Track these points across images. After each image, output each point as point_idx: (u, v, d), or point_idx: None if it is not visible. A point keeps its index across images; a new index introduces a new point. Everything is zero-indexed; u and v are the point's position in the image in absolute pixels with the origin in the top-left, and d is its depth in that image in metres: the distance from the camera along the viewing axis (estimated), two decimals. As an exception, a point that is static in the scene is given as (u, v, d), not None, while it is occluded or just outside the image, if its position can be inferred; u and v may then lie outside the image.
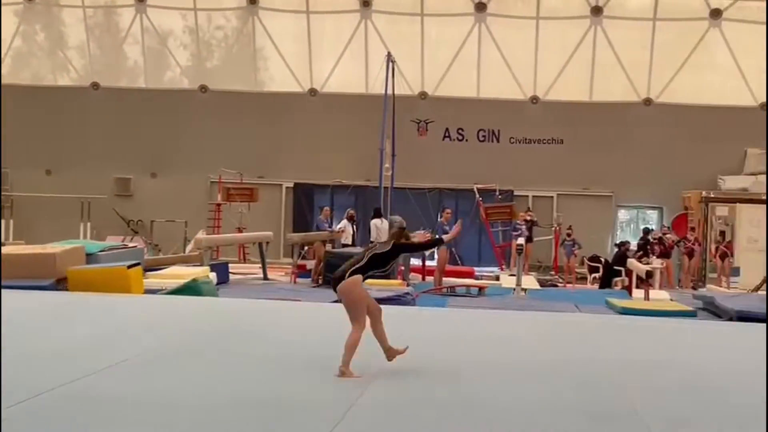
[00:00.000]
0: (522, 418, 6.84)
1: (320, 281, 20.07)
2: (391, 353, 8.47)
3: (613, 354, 10.15)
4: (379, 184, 24.53)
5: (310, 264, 21.97)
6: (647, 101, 28.52)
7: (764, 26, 26.77)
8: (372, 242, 19.19)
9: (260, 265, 22.05)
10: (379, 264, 8.39)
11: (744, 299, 17.31)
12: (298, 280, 21.04)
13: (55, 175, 30.06)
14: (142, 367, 8.24)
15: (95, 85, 30.32)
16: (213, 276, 17.62)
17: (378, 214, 21.65)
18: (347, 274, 8.20)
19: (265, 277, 21.54)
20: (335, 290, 8.33)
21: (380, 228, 20.45)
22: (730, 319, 15.00)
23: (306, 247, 22.95)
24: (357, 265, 8.27)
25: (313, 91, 29.64)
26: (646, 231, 24.43)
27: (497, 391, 7.79)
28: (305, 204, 29.63)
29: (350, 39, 29.00)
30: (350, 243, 21.70)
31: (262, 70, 30.60)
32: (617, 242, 25.16)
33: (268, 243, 23.12)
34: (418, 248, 10.85)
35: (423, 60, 29.06)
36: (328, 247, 21.36)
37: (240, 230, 26.73)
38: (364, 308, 8.24)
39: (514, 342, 11.04)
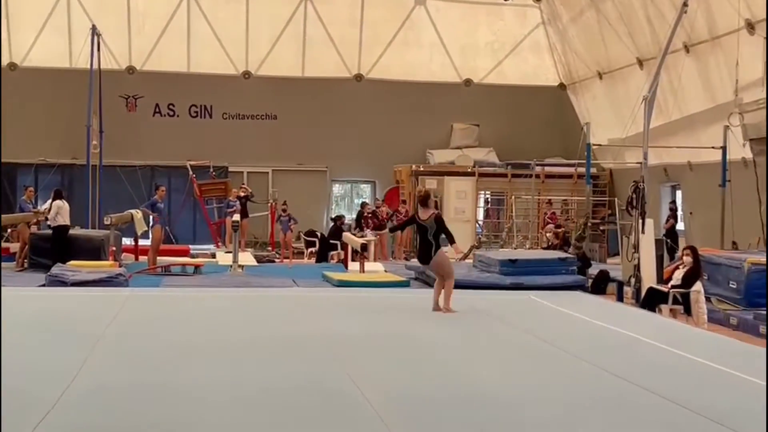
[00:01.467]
0: (227, 397, 6.78)
1: (25, 265, 19.11)
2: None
3: (329, 328, 10.31)
4: (86, 162, 23.62)
5: (14, 247, 20.88)
6: (358, 77, 29.14)
7: (466, 5, 28.13)
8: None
9: (-41, 250, 20.72)
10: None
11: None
12: (2, 264, 19.92)
13: None
14: None
15: None
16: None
17: (59, 196, 20.41)
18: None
19: (-35, 263, 20.26)
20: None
21: (62, 209, 19.40)
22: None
23: (9, 230, 21.79)
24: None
25: (12, 66, 28.07)
26: (363, 205, 25.03)
27: (202, 373, 7.69)
28: (7, 184, 28.08)
29: (51, 11, 27.64)
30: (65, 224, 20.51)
31: (-45, 41, 28.61)
32: (332, 216, 25.61)
33: None
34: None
35: (130, 33, 28.19)
36: (33, 229, 20.40)
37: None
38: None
39: (227, 320, 10.98)
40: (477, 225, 27.21)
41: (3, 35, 27.55)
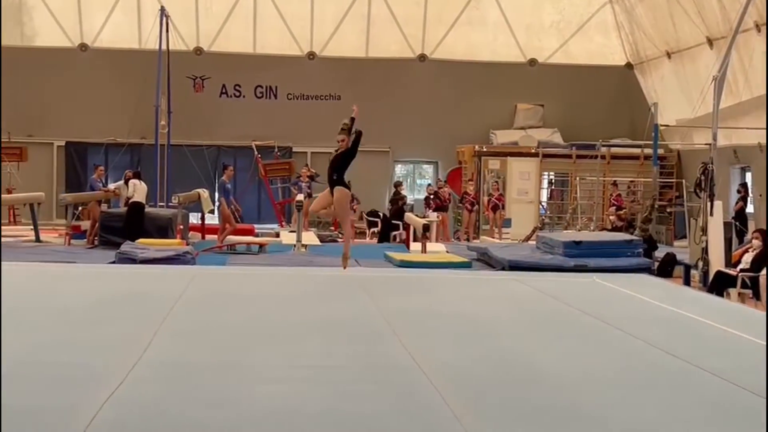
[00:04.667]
0: (290, 374, 6.84)
1: (96, 242, 19.45)
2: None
3: (391, 306, 10.35)
4: (155, 141, 23.92)
5: (85, 225, 21.24)
6: (422, 57, 29.04)
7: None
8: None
9: (32, 227, 21.15)
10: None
11: (515, 249, 18.06)
12: (73, 241, 20.30)
13: None
14: None
15: None
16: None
17: (138, 176, 20.87)
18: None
19: (38, 239, 20.68)
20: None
21: (138, 188, 19.79)
22: (503, 269, 15.60)
23: (80, 208, 22.17)
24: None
25: (83, 47, 28.48)
26: (430, 186, 25.01)
27: (265, 349, 7.75)
28: (78, 163, 28.56)
29: (122, -8, 28.01)
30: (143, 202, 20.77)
31: (28, 24, 29.07)
32: (390, 197, 25.61)
33: (39, 204, 22.17)
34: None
35: (198, 15, 28.43)
36: (104, 207, 20.76)
37: (9, 191, 25.49)
38: None
39: (292, 298, 11.06)
40: (540, 206, 27.00)
41: (75, 16, 28.03)
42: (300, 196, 21.67)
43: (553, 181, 28.17)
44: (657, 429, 5.75)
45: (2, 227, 21.14)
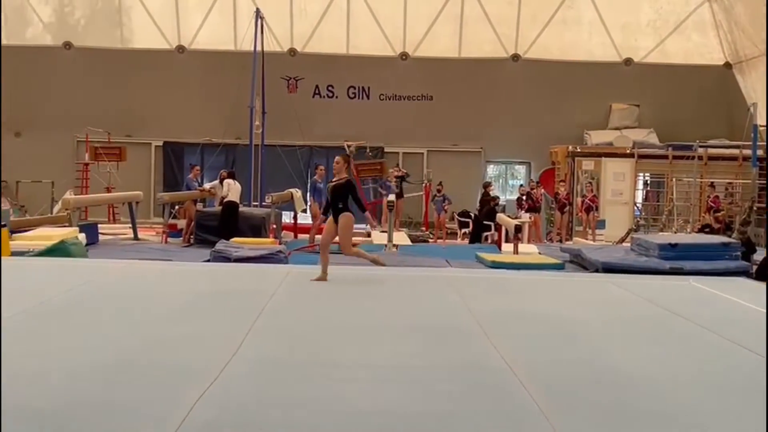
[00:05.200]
0: (382, 375, 6.84)
1: (191, 241, 19.80)
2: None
3: (483, 307, 10.28)
4: (249, 142, 24.25)
5: (181, 223, 21.64)
6: (515, 57, 28.88)
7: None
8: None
9: (130, 225, 21.64)
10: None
11: (609, 251, 17.79)
12: (169, 239, 20.72)
13: None
14: (18, 334, 7.93)
15: (-48, 41, 29.01)
16: (82, 237, 17.20)
17: (232, 176, 21.11)
18: None
19: (136, 237, 21.15)
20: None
21: (232, 187, 20.06)
22: (596, 271, 15.39)
23: (177, 207, 22.59)
24: None
25: (181, 48, 29.02)
26: (522, 186, 24.88)
27: (357, 350, 7.77)
28: (175, 163, 29.14)
29: (219, -4, 28.48)
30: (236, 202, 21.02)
31: (127, 25, 29.75)
32: (480, 197, 25.51)
33: (138, 203, 22.68)
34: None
35: (292, 16, 28.75)
36: (199, 206, 21.13)
37: (109, 190, 26.12)
38: None
39: (382, 297, 11.07)
40: (635, 208, 26.60)
41: (172, 19, 28.57)
42: (391, 196, 21.73)
43: (648, 182, 27.73)
44: (755, 437, 5.60)
45: (103, 225, 21.68)
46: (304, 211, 23.21)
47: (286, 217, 23.82)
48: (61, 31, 29.51)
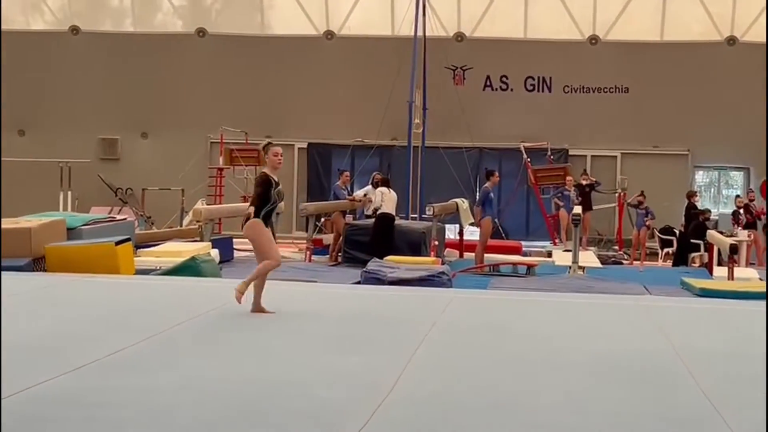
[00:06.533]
0: (567, 421, 6.77)
1: (339, 259, 20.06)
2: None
3: (689, 343, 10.08)
4: (407, 143, 24.44)
5: (327, 239, 21.93)
6: (731, 40, 28.23)
7: None
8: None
9: (269, 241, 22.05)
10: None
11: None
12: (314, 257, 21.05)
13: (29, 136, 30.22)
14: (134, 362, 8.23)
15: (74, 30, 30.36)
16: (215, 253, 17.66)
17: (386, 183, 21.06)
18: None
19: (275, 255, 21.53)
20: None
21: (386, 196, 20.09)
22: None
23: (323, 219, 22.92)
24: None
25: (329, 34, 29.52)
26: (739, 197, 24.36)
27: (535, 390, 7.72)
28: (321, 168, 29.61)
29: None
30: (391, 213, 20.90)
31: (269, 9, 30.46)
32: (685, 210, 25.01)
33: (278, 214, 23.09)
34: None
35: (460, -5, 28.91)
36: (349, 218, 21.31)
37: (245, 199, 26.73)
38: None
39: (564, 330, 10.97)
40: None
41: (320, 1, 29.07)
42: (577, 209, 21.55)
43: None
44: None
45: (238, 240, 22.20)
46: (473, 224, 23.22)
47: (450, 233, 23.89)
48: (193, 16, 30.47)
